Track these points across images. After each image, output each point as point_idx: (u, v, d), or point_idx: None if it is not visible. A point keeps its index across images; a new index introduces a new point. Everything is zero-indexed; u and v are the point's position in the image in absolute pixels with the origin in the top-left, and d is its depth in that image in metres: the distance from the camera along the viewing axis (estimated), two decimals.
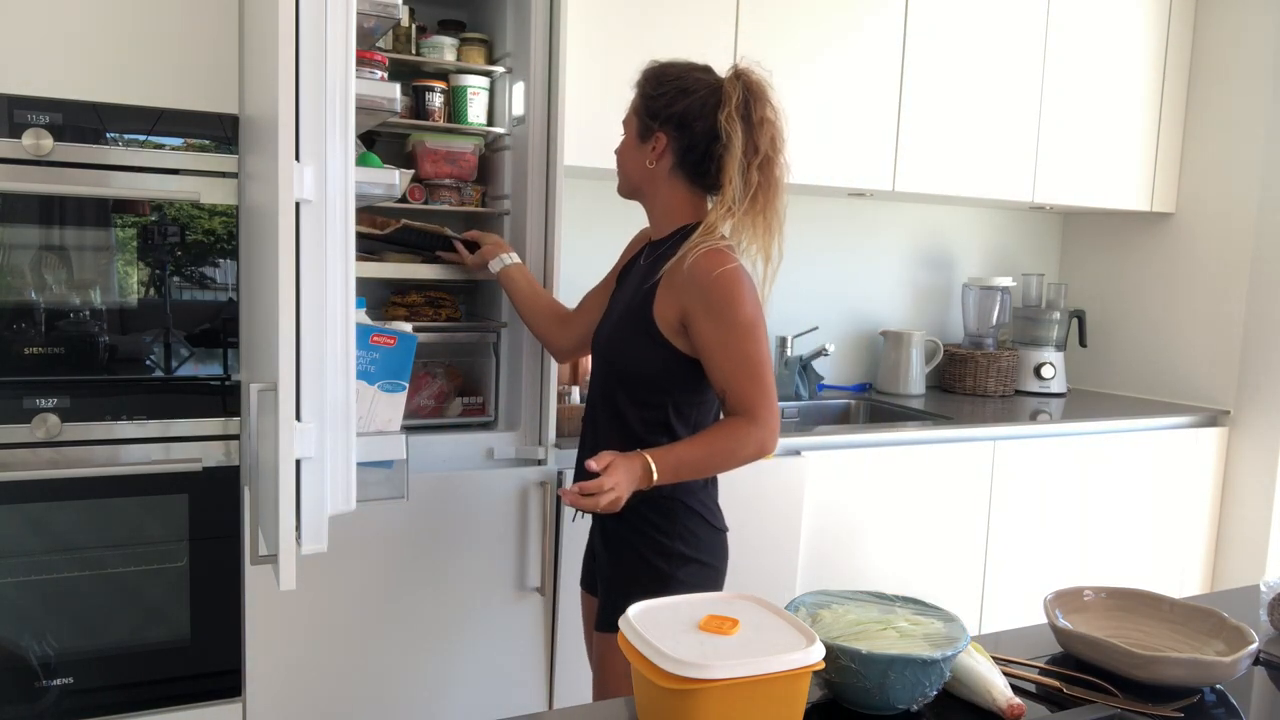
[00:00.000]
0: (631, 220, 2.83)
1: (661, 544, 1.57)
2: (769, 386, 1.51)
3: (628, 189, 1.68)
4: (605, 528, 1.64)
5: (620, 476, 1.44)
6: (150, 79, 1.70)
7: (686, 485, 1.57)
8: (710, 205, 1.61)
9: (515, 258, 1.93)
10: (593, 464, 1.43)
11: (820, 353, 2.92)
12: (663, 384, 1.56)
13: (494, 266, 1.92)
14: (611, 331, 1.62)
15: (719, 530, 1.64)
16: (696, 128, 1.55)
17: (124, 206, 1.70)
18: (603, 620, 1.63)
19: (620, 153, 1.66)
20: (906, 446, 2.50)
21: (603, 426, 1.62)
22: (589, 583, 1.77)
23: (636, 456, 1.46)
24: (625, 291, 1.66)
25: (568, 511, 2.07)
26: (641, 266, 1.65)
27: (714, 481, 1.66)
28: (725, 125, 1.53)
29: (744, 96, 1.54)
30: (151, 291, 1.74)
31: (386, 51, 2.04)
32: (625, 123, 1.65)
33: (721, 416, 1.58)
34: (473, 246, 2.00)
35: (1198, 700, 1.10)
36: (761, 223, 1.53)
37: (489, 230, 2.28)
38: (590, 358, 1.74)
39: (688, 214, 1.61)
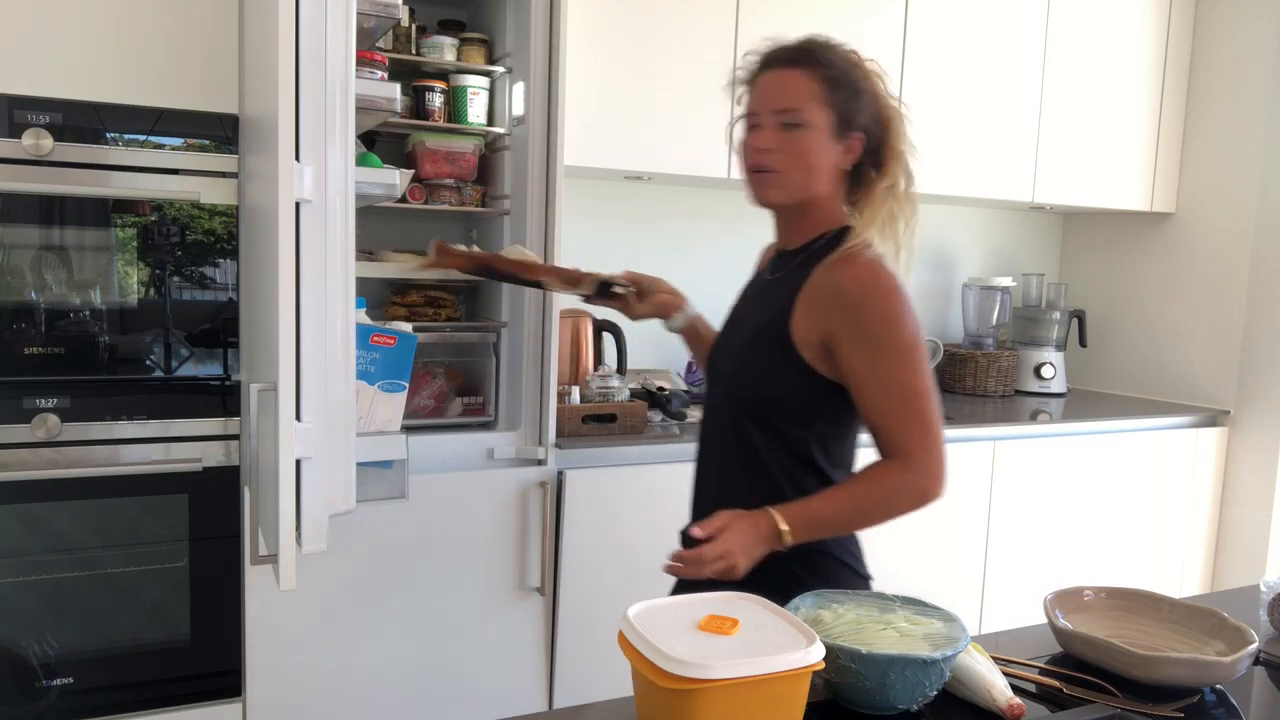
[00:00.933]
0: (632, 222, 2.84)
1: None
2: (930, 422, 1.27)
3: (798, 194, 1.34)
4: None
5: (734, 542, 1.22)
6: (150, 79, 1.70)
7: (839, 538, 1.36)
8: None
9: (694, 309, 1.63)
10: (697, 531, 1.22)
11: None
12: (803, 415, 1.33)
13: (677, 322, 1.60)
14: (741, 356, 1.38)
15: (866, 579, 1.41)
16: (883, 125, 1.36)
17: (124, 206, 1.70)
18: None
19: (806, 151, 1.32)
20: None
21: (732, 467, 1.39)
22: None
23: (761, 515, 1.24)
24: (751, 309, 1.43)
25: (577, 521, 2.07)
26: (769, 280, 1.42)
27: None
28: (896, 120, 1.35)
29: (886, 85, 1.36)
30: (151, 291, 1.74)
31: (386, 51, 2.04)
32: (803, 111, 1.31)
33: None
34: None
35: (1198, 700, 1.10)
36: (892, 223, 1.35)
37: (489, 231, 2.28)
38: (706, 384, 1.49)
39: (828, 220, 1.38)
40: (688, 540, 1.33)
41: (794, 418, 1.33)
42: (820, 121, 1.31)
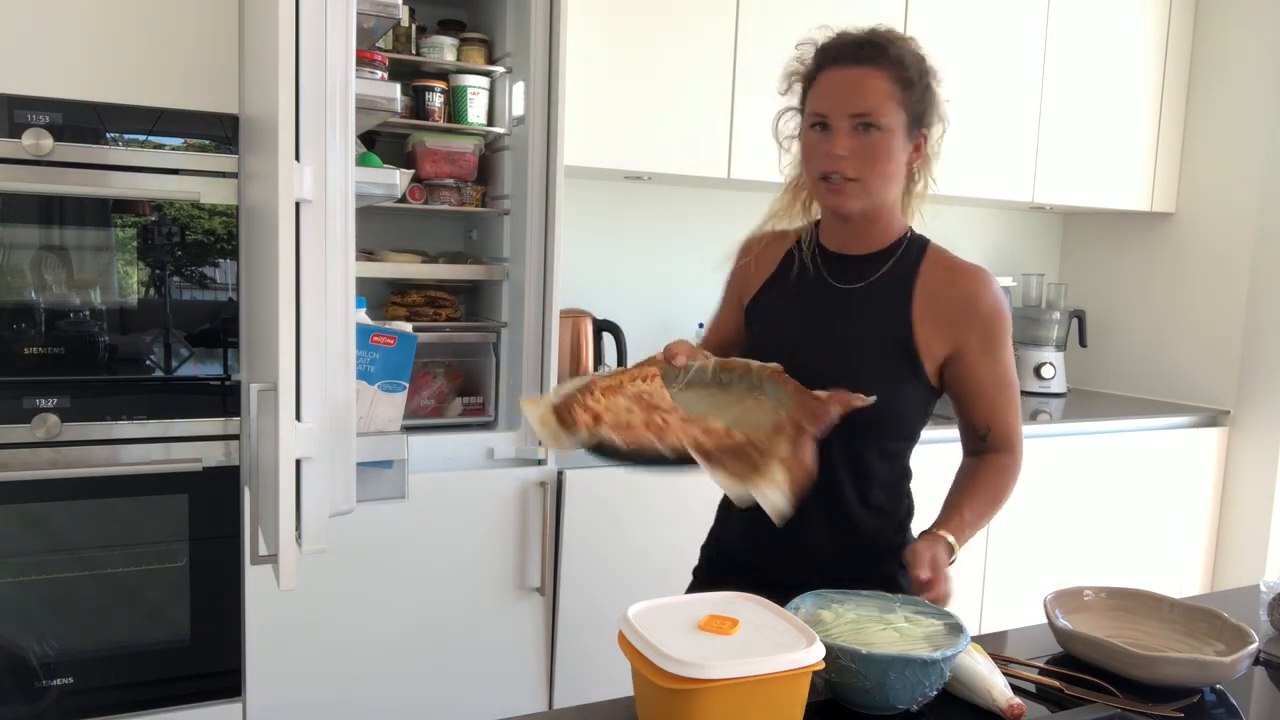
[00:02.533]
0: (631, 222, 2.84)
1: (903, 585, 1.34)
2: (1020, 414, 1.36)
3: (876, 201, 1.30)
4: (817, 571, 1.29)
5: (944, 572, 1.21)
6: (150, 79, 1.69)
7: (909, 516, 1.40)
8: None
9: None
10: (925, 575, 1.18)
11: None
12: (912, 428, 1.35)
13: None
14: (859, 371, 1.28)
15: None
16: (934, 126, 1.35)
17: (124, 206, 1.70)
18: None
19: (884, 158, 1.26)
20: None
21: (834, 483, 1.30)
22: None
23: (938, 540, 1.24)
24: (836, 319, 1.34)
25: (577, 521, 2.07)
26: (848, 289, 1.35)
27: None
28: (943, 124, 1.34)
29: None
30: (151, 291, 1.74)
31: (386, 51, 2.04)
32: (881, 114, 1.24)
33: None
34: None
35: (1198, 700, 1.10)
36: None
37: (489, 231, 2.28)
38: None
39: (896, 224, 1.36)
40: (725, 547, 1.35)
41: (905, 431, 1.35)
42: (896, 124, 1.26)
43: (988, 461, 1.35)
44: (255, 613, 1.84)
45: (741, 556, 1.41)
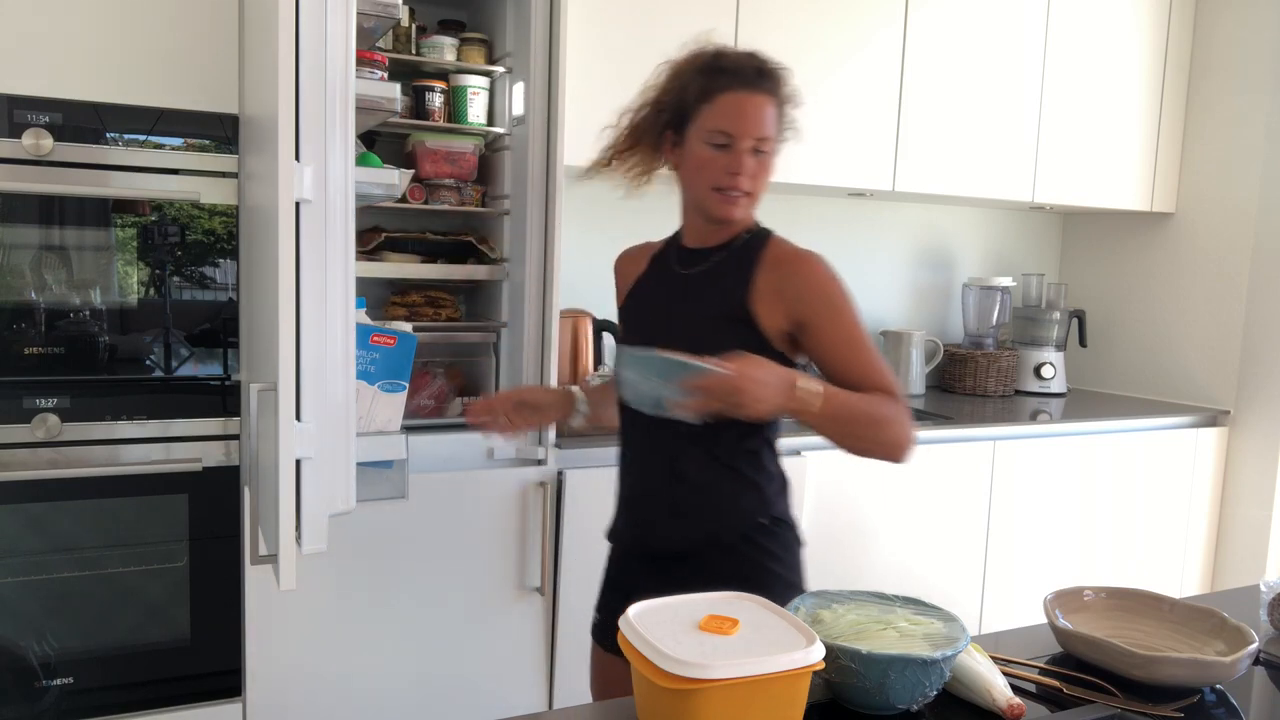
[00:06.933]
0: (632, 220, 2.84)
1: (786, 579, 1.42)
2: (885, 365, 1.41)
3: (756, 207, 1.50)
4: (689, 568, 1.40)
5: (750, 371, 1.24)
6: (150, 79, 1.70)
7: (787, 504, 1.46)
8: None
9: (577, 389, 1.65)
10: (716, 363, 1.23)
11: None
12: None
13: (581, 411, 1.62)
14: (701, 339, 1.37)
15: (800, 590, 1.47)
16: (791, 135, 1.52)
17: (124, 206, 1.70)
18: None
19: (768, 175, 1.46)
20: None
21: (691, 459, 1.41)
22: (608, 638, 1.51)
23: (784, 369, 1.30)
24: (681, 302, 1.47)
25: (577, 521, 2.07)
26: (690, 274, 1.48)
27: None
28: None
29: None
30: (151, 291, 1.74)
31: (386, 51, 2.04)
32: (773, 140, 1.44)
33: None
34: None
35: (1198, 700, 1.10)
36: None
37: (490, 230, 2.28)
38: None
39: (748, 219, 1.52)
40: (618, 537, 1.47)
41: None
42: (777, 146, 1.45)
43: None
44: (255, 613, 1.84)
45: (623, 526, 1.52)
